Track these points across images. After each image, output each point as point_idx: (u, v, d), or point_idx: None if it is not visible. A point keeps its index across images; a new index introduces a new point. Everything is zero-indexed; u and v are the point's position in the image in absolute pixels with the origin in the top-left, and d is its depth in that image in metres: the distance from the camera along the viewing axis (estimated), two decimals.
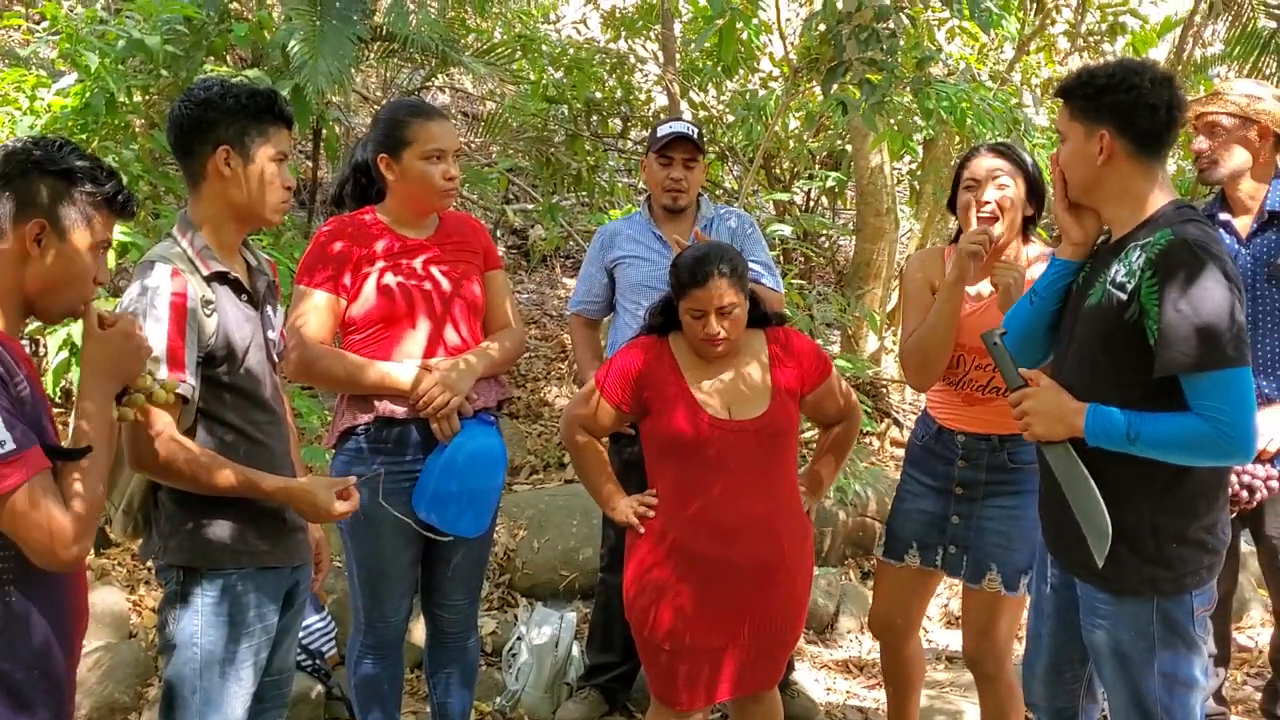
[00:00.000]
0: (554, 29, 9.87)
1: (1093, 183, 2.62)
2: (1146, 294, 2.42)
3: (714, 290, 3.02)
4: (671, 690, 3.14)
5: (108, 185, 2.22)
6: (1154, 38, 8.02)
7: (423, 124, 3.23)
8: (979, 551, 3.35)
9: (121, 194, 2.25)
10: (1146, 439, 2.43)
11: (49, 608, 2.16)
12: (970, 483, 3.37)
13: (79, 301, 2.25)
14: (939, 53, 6.21)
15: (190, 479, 2.52)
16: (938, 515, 3.42)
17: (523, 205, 9.04)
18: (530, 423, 6.79)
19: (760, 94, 7.67)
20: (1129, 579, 2.57)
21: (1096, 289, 2.59)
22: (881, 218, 6.95)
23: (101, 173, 2.22)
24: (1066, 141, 2.64)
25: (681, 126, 3.97)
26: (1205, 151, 3.58)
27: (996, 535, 3.33)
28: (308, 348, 3.15)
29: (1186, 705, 2.61)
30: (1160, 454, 2.46)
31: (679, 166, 3.91)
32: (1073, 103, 2.61)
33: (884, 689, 3.84)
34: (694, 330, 3.09)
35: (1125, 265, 2.50)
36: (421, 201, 3.28)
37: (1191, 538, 2.55)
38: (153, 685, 4.12)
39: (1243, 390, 2.38)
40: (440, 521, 3.22)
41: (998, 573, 3.33)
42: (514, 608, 4.99)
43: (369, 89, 8.81)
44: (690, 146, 3.90)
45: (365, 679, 3.40)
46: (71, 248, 2.18)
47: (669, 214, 3.98)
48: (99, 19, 4.83)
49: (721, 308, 3.04)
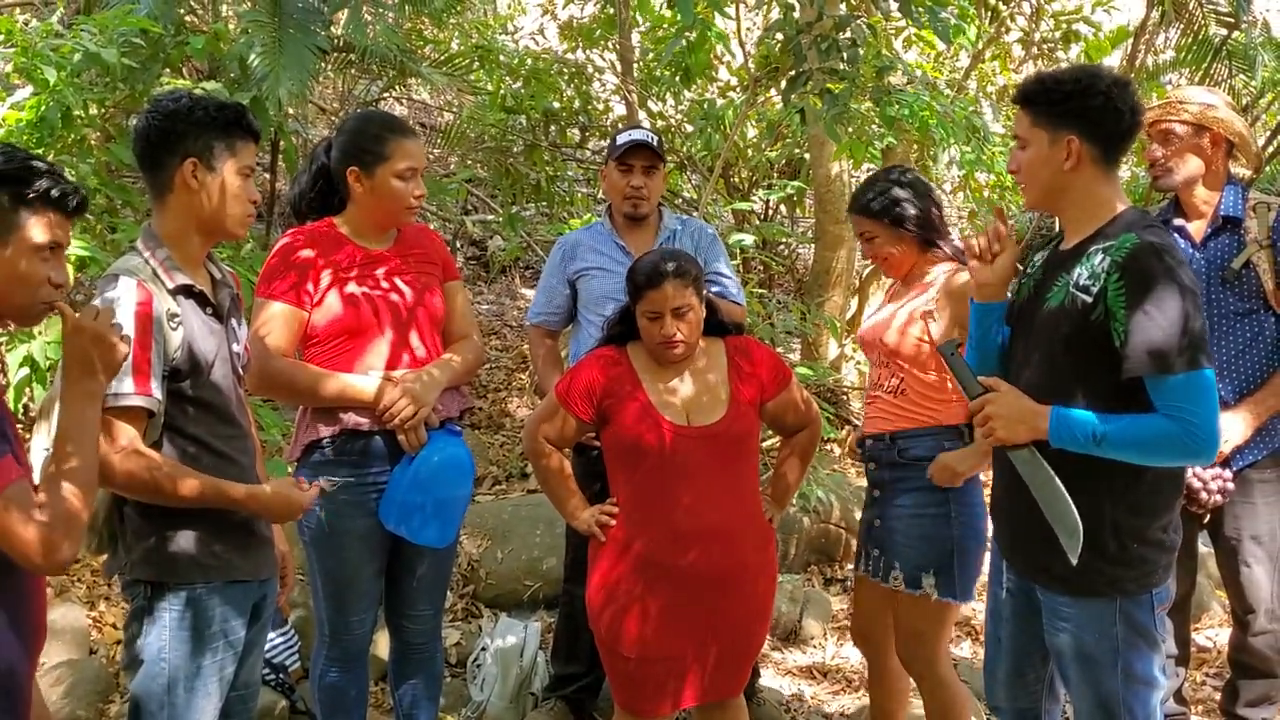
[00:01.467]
0: (511, 40, 9.87)
1: (1058, 188, 2.65)
2: (1113, 297, 2.46)
3: (668, 290, 3.06)
4: (636, 698, 3.15)
5: (52, 185, 2.19)
6: (1108, 46, 8.13)
7: (399, 142, 3.23)
8: (889, 552, 3.41)
9: (68, 191, 2.22)
10: (1113, 440, 2.47)
11: (8, 620, 2.14)
12: (879, 483, 3.47)
13: (35, 303, 2.24)
14: (897, 61, 6.26)
15: (155, 491, 2.50)
16: (869, 521, 3.52)
17: (481, 216, 9.03)
18: (492, 433, 6.78)
19: (719, 103, 7.70)
20: (1092, 581, 2.60)
21: (1056, 291, 2.62)
22: (841, 225, 6.98)
23: (48, 174, 2.19)
24: (1028, 148, 2.67)
25: (640, 134, 3.97)
26: (1159, 159, 3.63)
27: (897, 534, 3.39)
28: (269, 360, 3.12)
29: (1148, 704, 2.64)
30: (1125, 455, 2.49)
31: (639, 174, 3.91)
32: (1035, 109, 2.64)
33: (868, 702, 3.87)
34: (651, 333, 3.11)
35: (1088, 268, 2.54)
36: (389, 217, 3.28)
37: (1151, 537, 2.59)
38: (114, 702, 4.08)
39: (1209, 391, 2.43)
40: (409, 532, 3.21)
41: (900, 570, 3.37)
42: (478, 618, 4.98)
43: (326, 100, 8.77)
44: (650, 154, 3.89)
45: (330, 691, 3.38)
46: (16, 251, 2.16)
47: (631, 223, 3.98)
48: (54, 32, 4.78)
49: (677, 308, 3.07)
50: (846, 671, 4.87)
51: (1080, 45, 7.82)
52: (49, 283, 2.24)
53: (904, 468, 3.37)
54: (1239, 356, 3.50)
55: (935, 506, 3.31)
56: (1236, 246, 3.54)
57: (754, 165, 8.07)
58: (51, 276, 2.23)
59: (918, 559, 3.34)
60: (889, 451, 3.41)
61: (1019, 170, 2.71)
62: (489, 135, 8.16)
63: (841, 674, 4.86)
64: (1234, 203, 3.57)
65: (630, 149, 3.90)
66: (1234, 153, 3.66)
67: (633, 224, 3.98)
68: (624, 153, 3.91)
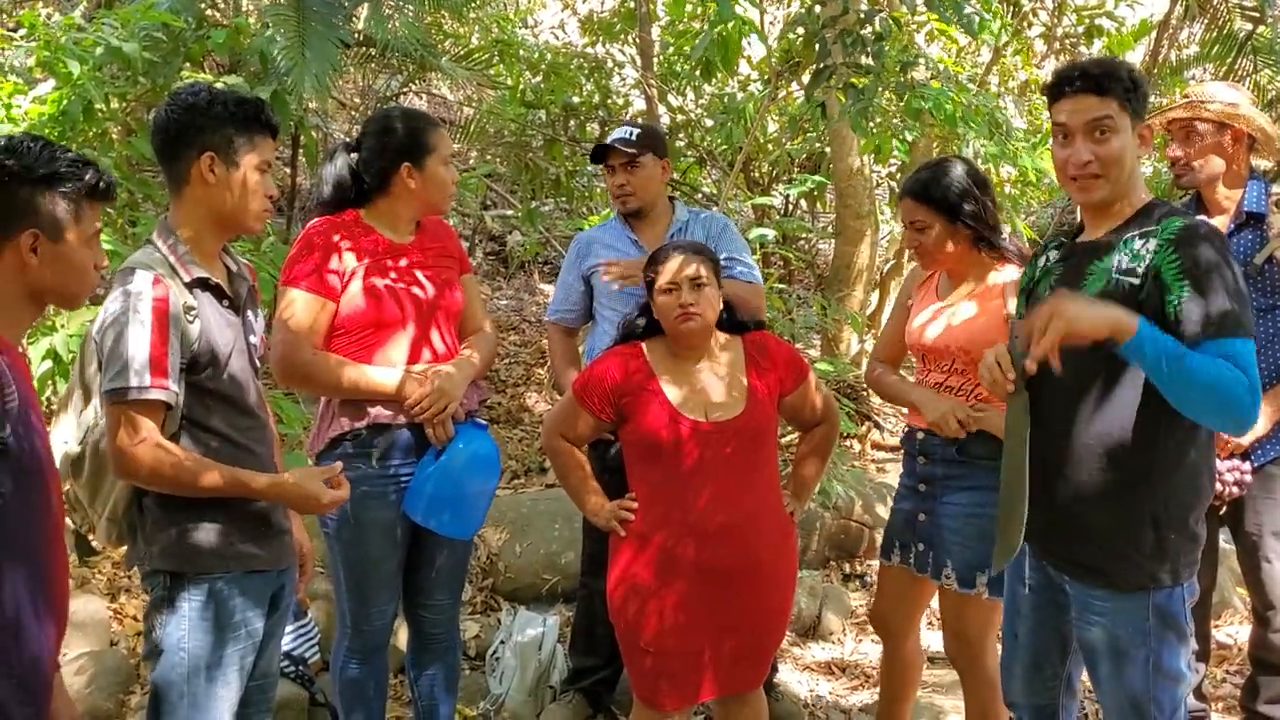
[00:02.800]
0: (531, 34, 9.87)
1: (1131, 177, 2.65)
2: (1168, 270, 2.45)
3: (682, 259, 3.11)
4: (655, 692, 3.15)
5: (88, 176, 2.20)
6: (1130, 40, 8.08)
7: (439, 132, 3.32)
8: (939, 548, 3.37)
9: (101, 181, 2.23)
10: (1192, 364, 2.37)
11: (33, 612, 2.15)
12: (930, 478, 3.41)
13: (88, 290, 2.26)
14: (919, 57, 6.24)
15: (176, 483, 2.52)
16: (911, 514, 3.46)
17: (501, 211, 9.04)
18: (511, 428, 6.79)
19: (739, 97, 7.68)
20: (1131, 574, 2.59)
21: (1093, 280, 2.60)
22: (861, 220, 6.97)
23: (79, 165, 2.20)
24: (1118, 135, 2.59)
25: (619, 132, 3.97)
26: (1181, 158, 3.62)
27: (951, 532, 3.35)
28: (294, 350, 3.13)
29: (1176, 699, 2.63)
30: (1188, 386, 2.39)
31: (620, 172, 3.91)
32: (1121, 96, 2.59)
33: (879, 688, 3.86)
34: (669, 309, 3.11)
35: (1128, 253, 2.54)
36: (435, 206, 3.35)
37: (1188, 528, 2.59)
38: (135, 693, 4.10)
39: (1254, 362, 2.42)
40: (437, 525, 3.23)
41: (952, 569, 3.34)
42: (497, 611, 4.99)
43: (346, 95, 8.79)
44: (621, 151, 3.87)
45: (350, 683, 3.39)
46: (68, 246, 2.18)
47: (639, 218, 3.99)
48: (76, 26, 4.81)
49: (693, 278, 3.09)
50: (865, 667, 4.86)
51: (1103, 40, 7.78)
52: (95, 266, 2.26)
53: (961, 465, 3.32)
54: (1260, 351, 3.48)
55: (993, 506, 3.11)
56: (1259, 242, 3.53)
57: (774, 160, 8.05)
58: (96, 261, 2.26)
59: (973, 558, 3.28)
60: (946, 448, 3.34)
61: (1110, 159, 2.60)
62: (508, 130, 8.17)
63: (860, 669, 4.85)
64: (1257, 198, 3.55)
65: (603, 150, 3.93)
66: (1256, 147, 3.64)
67: (642, 217, 3.98)
68: (600, 155, 3.95)
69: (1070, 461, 2.64)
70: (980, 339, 3.20)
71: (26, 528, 2.10)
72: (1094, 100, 2.59)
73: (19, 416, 2.06)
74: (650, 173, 3.93)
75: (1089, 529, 2.61)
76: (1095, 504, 2.61)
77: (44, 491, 2.15)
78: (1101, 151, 2.58)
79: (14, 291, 2.15)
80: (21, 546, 2.08)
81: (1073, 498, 2.64)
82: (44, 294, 2.20)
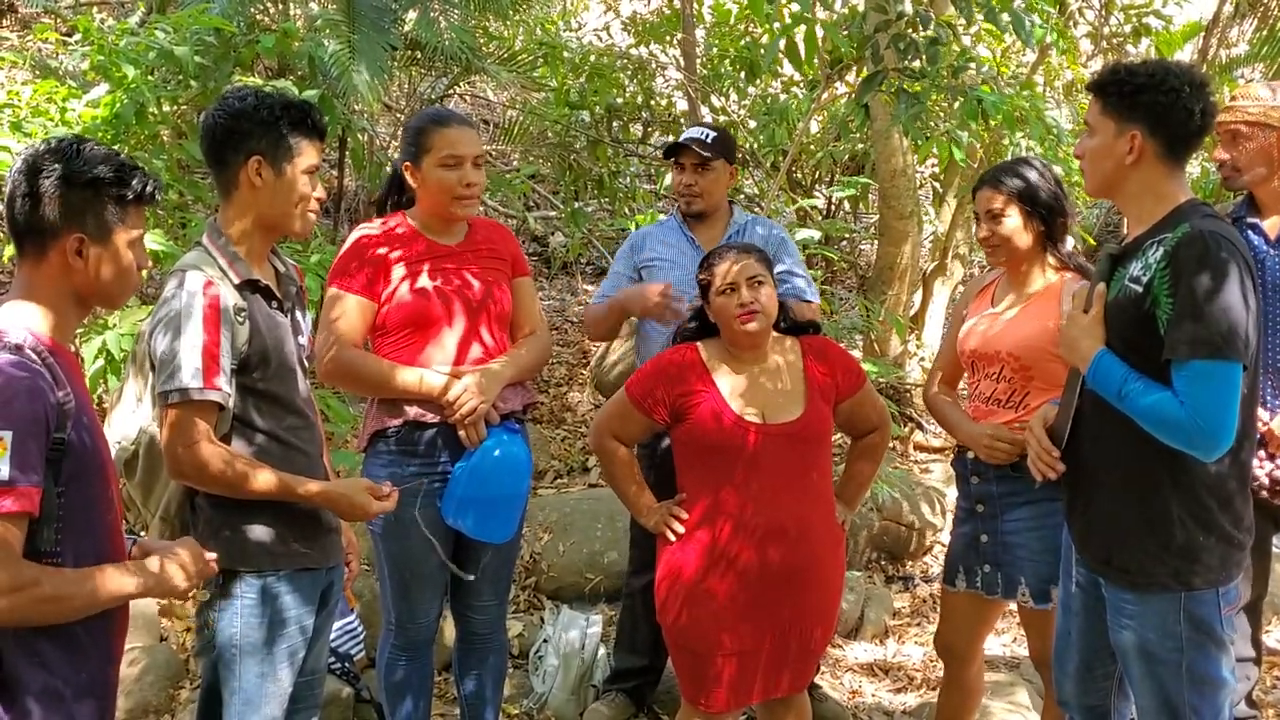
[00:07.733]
0: (575, 36, 9.90)
1: (1116, 181, 2.65)
2: (1159, 283, 2.45)
3: (742, 260, 3.12)
4: (702, 692, 3.15)
5: (133, 181, 2.22)
6: (1179, 39, 7.99)
7: (439, 131, 3.26)
8: (1009, 567, 3.33)
9: (147, 185, 2.25)
10: (1130, 400, 2.48)
11: (103, 626, 2.20)
12: (986, 498, 3.37)
13: (130, 292, 2.29)
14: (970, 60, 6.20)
15: (227, 484, 2.55)
16: (972, 536, 3.42)
17: (544, 212, 9.07)
18: (554, 428, 6.81)
19: (782, 99, 7.66)
20: (1155, 573, 2.58)
21: (1114, 287, 2.63)
22: (905, 220, 6.93)
23: (124, 170, 2.21)
24: (1094, 135, 2.66)
25: (695, 131, 3.98)
26: (1227, 161, 3.59)
27: (1019, 549, 3.31)
28: (341, 351, 3.17)
29: (1215, 705, 2.61)
30: (1138, 420, 2.49)
31: (690, 172, 3.92)
32: (1105, 98, 2.62)
33: (935, 701, 3.84)
34: (728, 310, 3.10)
35: (1143, 261, 2.53)
36: (441, 208, 3.30)
37: (1218, 530, 2.56)
38: (184, 688, 4.16)
39: (1223, 384, 2.39)
40: (466, 528, 3.25)
41: (1025, 586, 3.31)
42: (540, 610, 5.01)
43: (391, 98, 8.85)
44: (695, 152, 3.88)
45: (396, 681, 3.42)
46: (111, 250, 2.20)
47: (698, 220, 3.99)
48: (130, 31, 4.88)
49: (751, 277, 3.10)
50: (908, 669, 4.84)
51: (1150, 39, 7.70)
52: (138, 266, 2.29)
53: (1015, 480, 3.27)
54: None
55: (1054, 516, 3.09)
56: None
57: (818, 161, 8.03)
58: (139, 262, 2.28)
59: (1046, 572, 3.24)
60: (1000, 465, 3.29)
61: (1083, 156, 2.70)
62: (552, 131, 8.19)
63: (903, 671, 4.84)
64: None
65: (678, 147, 3.93)
66: None
67: (700, 219, 3.99)
68: (674, 151, 3.95)
69: (1104, 464, 2.65)
70: (1031, 345, 3.21)
71: (88, 524, 2.14)
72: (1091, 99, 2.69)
73: (76, 416, 2.10)
74: (719, 176, 3.95)
75: (1119, 529, 2.61)
76: (1125, 504, 2.62)
77: (103, 488, 2.19)
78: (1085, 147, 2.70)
79: (61, 293, 2.17)
80: (84, 543, 2.12)
81: (1105, 499, 2.65)
82: (89, 296, 2.23)
